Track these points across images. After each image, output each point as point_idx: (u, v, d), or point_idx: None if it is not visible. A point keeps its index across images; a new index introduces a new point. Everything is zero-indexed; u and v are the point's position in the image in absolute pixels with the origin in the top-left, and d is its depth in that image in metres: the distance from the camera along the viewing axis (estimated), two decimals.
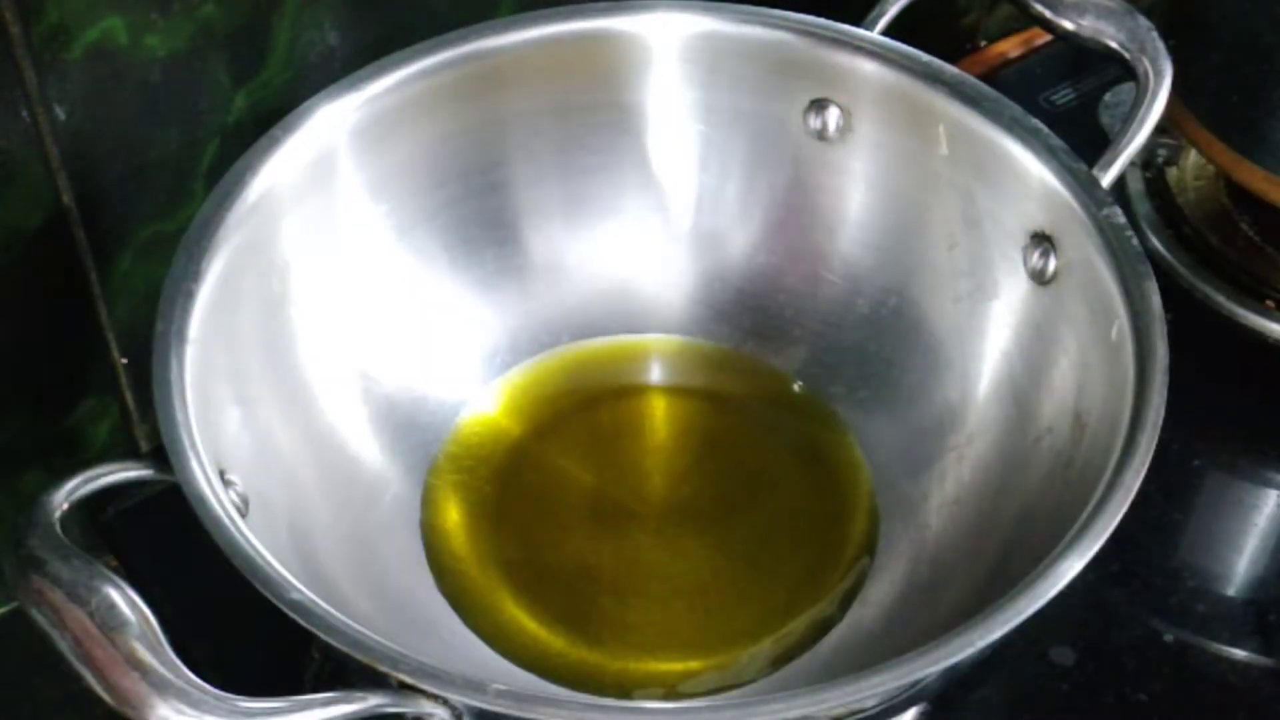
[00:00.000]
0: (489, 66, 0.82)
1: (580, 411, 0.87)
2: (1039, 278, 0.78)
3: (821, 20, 0.82)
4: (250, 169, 0.75)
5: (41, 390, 0.83)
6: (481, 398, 0.86)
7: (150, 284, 0.80)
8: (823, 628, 0.78)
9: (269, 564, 0.62)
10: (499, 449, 0.85)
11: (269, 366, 0.77)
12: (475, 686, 0.59)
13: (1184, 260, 0.95)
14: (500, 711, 0.59)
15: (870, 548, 0.81)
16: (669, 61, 0.84)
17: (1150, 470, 0.66)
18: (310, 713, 0.58)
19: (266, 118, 0.78)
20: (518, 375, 0.87)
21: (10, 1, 0.69)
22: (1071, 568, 0.62)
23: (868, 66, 0.81)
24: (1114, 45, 0.80)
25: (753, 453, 0.85)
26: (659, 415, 0.87)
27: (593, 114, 0.85)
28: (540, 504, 0.83)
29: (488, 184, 0.85)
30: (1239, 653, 0.82)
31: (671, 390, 0.88)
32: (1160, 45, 0.80)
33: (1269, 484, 0.89)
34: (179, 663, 0.57)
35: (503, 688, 0.59)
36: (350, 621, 0.61)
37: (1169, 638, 0.82)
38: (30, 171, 0.75)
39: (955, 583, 0.76)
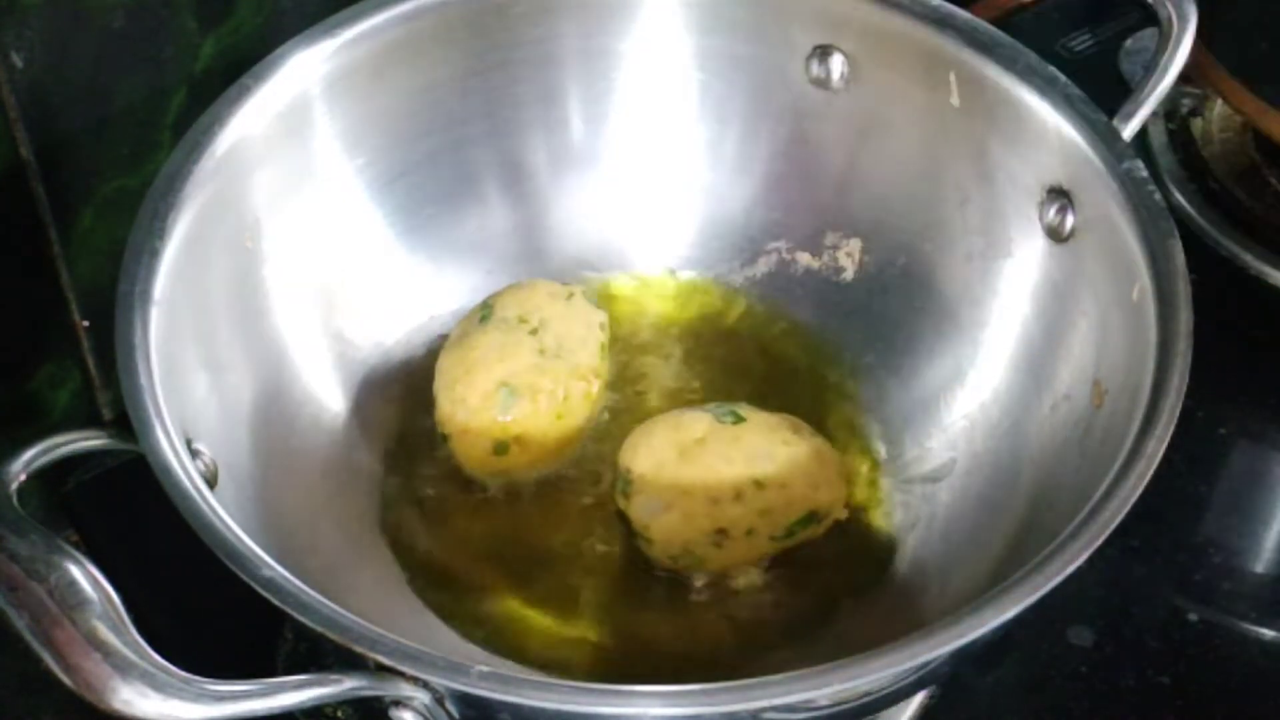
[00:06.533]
0: (472, 11, 0.82)
1: None
2: (1056, 235, 0.78)
3: None
4: (219, 120, 0.75)
5: None
6: None
7: (113, 242, 0.80)
8: (827, 607, 0.78)
9: (239, 539, 0.62)
10: None
11: (239, 329, 0.76)
12: (457, 668, 0.59)
13: (1209, 216, 0.95)
14: (484, 695, 0.58)
15: (877, 522, 0.81)
16: (663, 4, 0.84)
17: (1174, 439, 0.65)
18: (283, 696, 0.58)
19: (237, 66, 0.78)
20: None
21: None
22: (1090, 543, 0.62)
23: (874, 11, 0.81)
24: None
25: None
26: (652, 376, 0.86)
27: (582, 61, 0.85)
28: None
29: (471, 136, 0.84)
30: (1267, 632, 0.82)
31: (664, 354, 0.87)
32: None
33: None
34: (143, 643, 0.57)
35: (486, 669, 0.59)
36: (325, 600, 0.61)
37: (1193, 616, 0.82)
38: None
39: (966, 559, 0.76)
